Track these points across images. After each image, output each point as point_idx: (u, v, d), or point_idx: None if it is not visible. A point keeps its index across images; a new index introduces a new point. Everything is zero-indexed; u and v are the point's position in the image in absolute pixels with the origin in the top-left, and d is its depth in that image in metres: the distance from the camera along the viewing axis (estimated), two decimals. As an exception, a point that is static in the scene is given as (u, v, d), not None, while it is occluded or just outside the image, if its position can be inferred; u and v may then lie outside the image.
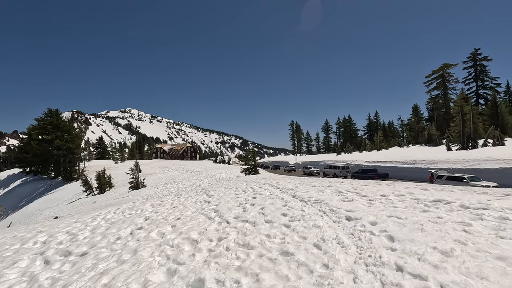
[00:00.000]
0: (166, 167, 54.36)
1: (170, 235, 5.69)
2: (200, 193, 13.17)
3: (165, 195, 15.49)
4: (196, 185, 20.79)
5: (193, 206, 9.22)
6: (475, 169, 25.59)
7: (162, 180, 35.60)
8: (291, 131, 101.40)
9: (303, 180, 15.79)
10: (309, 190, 9.90)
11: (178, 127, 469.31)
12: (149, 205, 10.68)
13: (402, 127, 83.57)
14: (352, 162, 42.52)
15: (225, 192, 11.91)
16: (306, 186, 11.38)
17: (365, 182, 12.22)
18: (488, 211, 4.91)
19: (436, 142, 48.74)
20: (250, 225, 5.79)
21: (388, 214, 5.27)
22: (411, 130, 65.79)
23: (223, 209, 7.82)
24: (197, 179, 27.07)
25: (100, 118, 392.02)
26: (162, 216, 7.92)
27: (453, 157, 29.67)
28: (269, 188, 11.91)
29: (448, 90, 58.51)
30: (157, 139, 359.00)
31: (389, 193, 7.64)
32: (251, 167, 28.94)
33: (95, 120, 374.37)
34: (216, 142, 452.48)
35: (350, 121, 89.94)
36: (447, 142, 36.24)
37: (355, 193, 8.37)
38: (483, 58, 59.28)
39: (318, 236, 4.52)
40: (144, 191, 23.90)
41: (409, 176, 31.39)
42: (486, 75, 59.53)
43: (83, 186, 37.67)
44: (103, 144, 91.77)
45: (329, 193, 8.84)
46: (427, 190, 8.21)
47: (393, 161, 35.74)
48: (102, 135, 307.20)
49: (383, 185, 10.22)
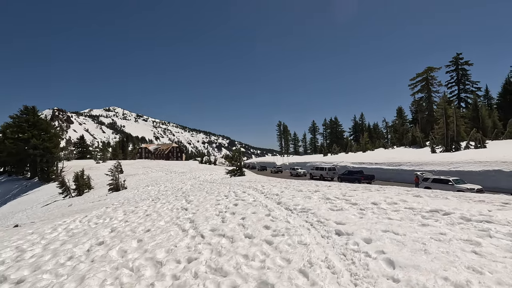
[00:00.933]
0: (149, 168, 52.70)
1: (132, 253, 4.84)
2: (179, 198, 12.28)
3: (142, 199, 14.47)
4: (178, 188, 19.79)
5: (168, 214, 8.36)
6: (459, 171, 25.80)
7: (144, 181, 34.21)
8: (278, 132, 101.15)
9: (290, 183, 15.16)
10: (295, 196, 9.23)
11: (164, 126, 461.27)
12: (121, 212, 9.72)
13: (386, 129, 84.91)
14: (339, 163, 42.46)
15: (205, 197, 11.09)
16: (292, 190, 10.72)
17: (353, 186, 11.69)
18: (494, 226, 4.37)
19: (420, 144, 49.47)
20: (227, 241, 5.03)
21: (384, 229, 4.64)
22: (395, 132, 66.80)
23: (200, 219, 7.01)
24: (180, 181, 26.00)
25: (83, 117, 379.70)
26: (131, 227, 7.03)
27: (437, 159, 29.92)
28: (253, 192, 11.18)
29: (432, 93, 59.67)
30: (143, 139, 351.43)
31: (380, 201, 7.06)
32: (236, 168, 28.10)
33: (77, 118, 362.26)
34: (203, 142, 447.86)
35: (336, 123, 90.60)
36: (431, 144, 36.69)
37: (344, 200, 7.76)
38: (464, 62, 60.91)
39: (305, 258, 3.81)
40: (122, 194, 22.64)
41: (395, 178, 31.47)
42: (467, 79, 61.20)
43: (59, 188, 35.82)
44: (84, 143, 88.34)
45: (317, 199, 8.19)
46: (420, 197, 7.70)
47: (378, 163, 35.82)
48: (84, 134, 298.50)
49: (372, 191, 9.69)
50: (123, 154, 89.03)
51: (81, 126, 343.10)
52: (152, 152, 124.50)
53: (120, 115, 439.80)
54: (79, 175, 36.66)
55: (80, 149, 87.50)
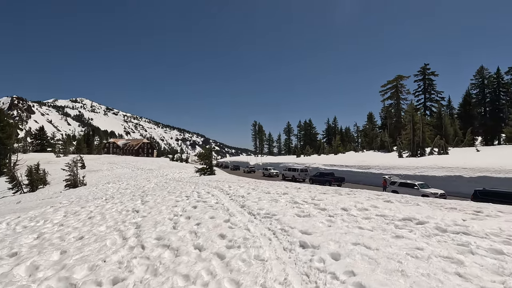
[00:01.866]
0: (115, 164, 49.74)
1: (45, 271, 3.79)
2: (136, 197, 11.08)
3: (95, 198, 13.01)
4: (140, 186, 18.35)
5: (114, 217, 7.24)
6: (423, 176, 26.67)
7: (107, 178, 31.91)
8: (253, 132, 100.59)
9: (259, 184, 14.46)
10: (261, 198, 8.50)
11: (136, 121, 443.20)
12: (62, 214, 8.40)
13: (357, 133, 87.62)
14: (311, 165, 42.69)
15: (164, 197, 10.02)
16: (260, 192, 10.00)
17: (323, 189, 11.21)
18: (474, 239, 3.91)
19: (388, 149, 51.29)
20: (170, 254, 4.14)
21: (354, 241, 4.01)
22: (366, 136, 68.95)
23: (149, 223, 6.03)
24: (145, 179, 24.38)
25: (46, 107, 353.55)
26: (63, 233, 5.87)
27: (404, 163, 30.87)
28: (218, 193, 10.31)
29: (401, 100, 62.29)
30: (112, 133, 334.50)
31: (351, 206, 6.52)
32: (206, 167, 26.96)
33: (40, 108, 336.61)
34: (176, 139, 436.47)
35: (310, 125, 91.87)
36: (398, 149, 37.97)
37: (312, 204, 7.14)
38: (431, 73, 64.15)
39: (259, 281, 3.05)
40: (78, 192, 20.66)
41: (364, 181, 32.04)
42: (433, 88, 64.50)
43: (9, 183, 32.55)
44: (44, 135, 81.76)
45: (284, 203, 7.51)
46: (391, 202, 7.30)
47: (349, 166, 36.39)
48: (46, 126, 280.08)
49: (342, 194, 9.23)
50: (88, 148, 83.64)
51: (44, 117, 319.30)
52: (121, 148, 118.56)
53: (88, 107, 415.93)
54: (33, 169, 33.52)
55: (40, 142, 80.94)
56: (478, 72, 57.53)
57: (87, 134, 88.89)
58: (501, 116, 52.99)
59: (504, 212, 5.82)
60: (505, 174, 21.76)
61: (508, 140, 42.16)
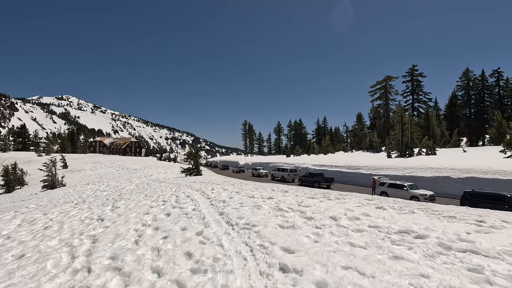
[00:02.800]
0: (100, 163, 48.00)
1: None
2: (108, 202, 10.13)
3: (66, 202, 11.94)
4: (119, 188, 17.27)
5: (73, 227, 6.34)
6: (412, 177, 26.51)
7: (88, 178, 30.48)
8: (243, 131, 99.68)
9: (244, 186, 13.68)
10: (244, 203, 7.74)
11: (124, 119, 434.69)
12: (17, 223, 7.42)
13: (347, 133, 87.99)
14: (300, 165, 42.22)
15: (139, 202, 9.13)
16: (243, 196, 9.24)
17: (311, 193, 10.54)
18: (486, 261, 3.26)
19: (377, 149, 51.42)
20: (118, 282, 3.33)
21: (345, 264, 3.30)
22: (355, 137, 69.23)
23: (108, 237, 5.18)
24: (128, 179, 23.23)
25: (30, 104, 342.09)
26: (2, 249, 4.95)
27: (393, 164, 30.70)
28: (198, 197, 9.49)
29: (389, 101, 62.67)
30: (100, 132, 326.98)
31: (340, 215, 5.83)
32: (192, 167, 25.99)
33: (24, 105, 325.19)
34: (166, 138, 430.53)
35: (300, 125, 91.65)
36: (387, 150, 37.91)
37: (299, 212, 6.43)
38: (419, 74, 64.76)
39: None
40: (53, 193, 19.38)
41: (353, 181, 31.74)
42: (420, 89, 65.14)
43: (-19, 184, 30.75)
44: (26, 133, 78.49)
45: (267, 210, 6.77)
46: (384, 209, 6.66)
47: (338, 166, 36.06)
48: (31, 123, 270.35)
49: (331, 199, 8.56)
50: (73, 147, 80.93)
51: (28, 115, 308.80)
52: (107, 146, 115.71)
53: (74, 105, 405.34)
54: (9, 169, 31.77)
55: (21, 140, 77.64)
56: (464, 74, 58.46)
57: (72, 132, 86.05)
58: (485, 118, 53.98)
59: (508, 222, 5.26)
60: (492, 175, 21.73)
61: (492, 141, 42.80)
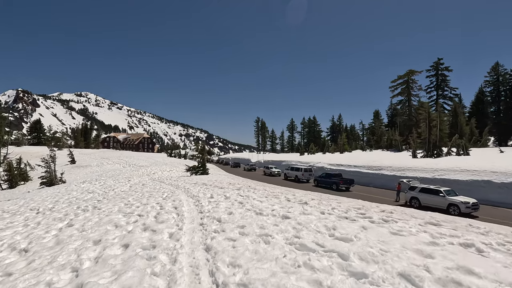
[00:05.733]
0: (108, 159, 47.06)
1: None
2: (70, 214, 8.15)
3: (33, 209, 10.07)
4: (112, 188, 15.43)
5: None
6: (444, 180, 23.49)
7: (90, 175, 29.18)
8: (256, 128, 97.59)
9: (251, 193, 11.38)
10: (246, 228, 5.47)
11: (140, 116, 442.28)
12: None
13: (363, 131, 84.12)
14: (315, 164, 39.53)
15: (106, 216, 7.05)
16: (248, 211, 6.97)
17: (340, 207, 8.04)
18: None
19: (398, 148, 47.90)
20: None
21: None
22: (373, 134, 65.49)
23: None
24: (127, 178, 21.49)
25: (51, 100, 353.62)
26: None
27: (420, 165, 27.58)
28: (188, 209, 7.32)
29: (412, 97, 58.52)
30: (116, 128, 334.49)
31: (415, 269, 3.41)
32: (198, 165, 23.97)
33: (45, 102, 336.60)
34: (180, 135, 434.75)
35: (314, 122, 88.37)
36: (413, 149, 34.56)
37: (335, 255, 4.00)
38: (444, 68, 60.14)
39: None
40: (43, 192, 17.81)
41: (374, 183, 28.91)
42: (446, 84, 60.57)
43: (-14, 179, 30.11)
44: (41, 128, 79.43)
45: (281, 247, 4.43)
46: (481, 253, 4.19)
47: (358, 166, 33.17)
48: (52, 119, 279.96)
49: (376, 221, 6.10)
50: (85, 142, 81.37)
51: (49, 110, 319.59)
52: (121, 142, 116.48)
53: (92, 101, 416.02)
54: (12, 165, 31.02)
55: (36, 135, 78.68)
56: (493, 68, 53.73)
57: (85, 127, 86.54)
58: (516, 116, 49.16)
59: None
60: (544, 180, 18.51)
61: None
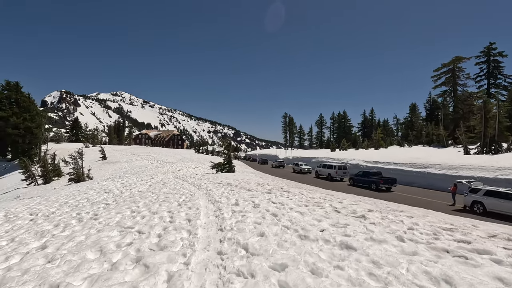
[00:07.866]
0: (137, 155, 47.64)
1: None
2: (59, 225, 6.85)
3: (33, 214, 9.01)
4: (130, 187, 14.34)
5: None
6: (509, 180, 19.82)
7: (117, 171, 29.03)
8: (283, 124, 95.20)
9: (286, 198, 9.50)
10: (290, 278, 3.64)
11: (170, 113, 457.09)
12: None
13: (397, 125, 78.25)
14: (349, 161, 36.54)
15: (105, 226, 5.58)
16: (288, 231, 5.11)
17: (427, 232, 5.96)
18: None
19: (443, 143, 43.15)
20: None
21: None
22: (411, 129, 60.26)
23: None
24: (150, 175, 20.58)
25: (90, 100, 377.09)
26: None
27: (476, 163, 23.79)
28: (205, 223, 5.67)
29: (458, 87, 52.50)
30: (148, 125, 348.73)
31: None
32: (224, 162, 22.52)
33: (85, 101, 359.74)
34: (208, 131, 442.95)
35: (345, 117, 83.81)
36: (464, 144, 30.34)
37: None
38: (498, 53, 53.20)
39: None
40: (67, 190, 17.33)
41: (419, 183, 25.61)
42: (499, 72, 53.65)
43: (23, 174, 31.09)
44: (78, 125, 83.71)
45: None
46: None
47: (398, 163, 29.78)
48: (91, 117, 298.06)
49: None
50: (118, 138, 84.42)
51: (88, 110, 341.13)
52: (152, 139, 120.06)
53: (127, 100, 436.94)
54: (46, 160, 31.78)
55: (74, 132, 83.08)
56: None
57: (118, 124, 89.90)
58: None
59: None
60: None
61: None
